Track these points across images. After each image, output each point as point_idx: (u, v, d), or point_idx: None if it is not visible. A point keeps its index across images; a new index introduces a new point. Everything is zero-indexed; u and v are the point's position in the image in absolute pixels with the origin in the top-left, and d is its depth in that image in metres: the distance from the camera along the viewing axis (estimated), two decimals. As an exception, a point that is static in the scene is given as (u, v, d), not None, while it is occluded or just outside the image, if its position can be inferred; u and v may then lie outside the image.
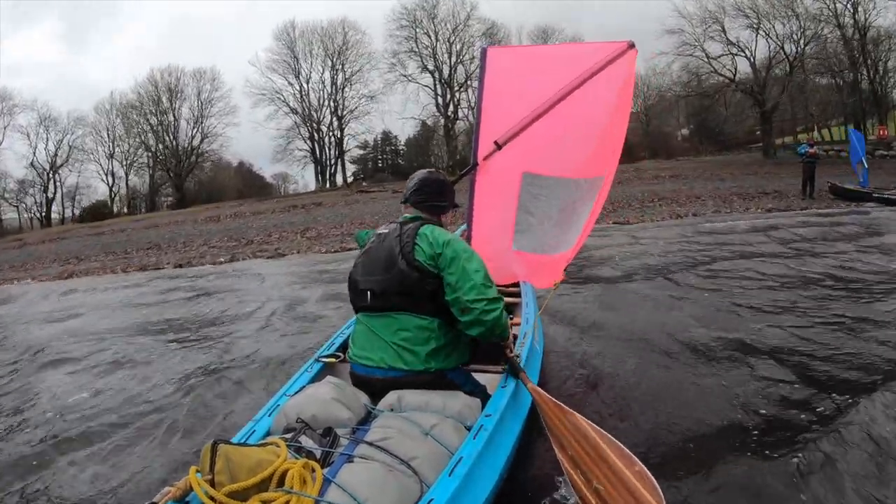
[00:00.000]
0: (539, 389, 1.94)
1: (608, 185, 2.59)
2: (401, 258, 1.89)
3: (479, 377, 2.06)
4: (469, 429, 1.64)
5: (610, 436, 1.63)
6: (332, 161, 36.74)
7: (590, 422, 1.71)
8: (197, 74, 35.12)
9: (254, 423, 1.68)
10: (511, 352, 2.00)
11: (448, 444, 1.54)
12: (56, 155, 34.36)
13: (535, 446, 2.13)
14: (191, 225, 19.00)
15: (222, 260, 10.31)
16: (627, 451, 1.57)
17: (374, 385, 1.84)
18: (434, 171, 2.23)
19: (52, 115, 33.90)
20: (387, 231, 2.04)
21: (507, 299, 3.29)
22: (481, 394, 1.92)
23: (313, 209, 19.62)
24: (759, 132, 31.13)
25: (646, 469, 1.50)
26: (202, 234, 15.50)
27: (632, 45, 2.46)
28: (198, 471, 1.27)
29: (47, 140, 34.14)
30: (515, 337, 2.51)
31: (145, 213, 32.94)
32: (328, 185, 34.99)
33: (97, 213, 33.26)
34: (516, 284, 3.45)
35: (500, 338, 1.90)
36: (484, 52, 2.58)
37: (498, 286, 3.37)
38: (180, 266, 10.09)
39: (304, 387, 1.88)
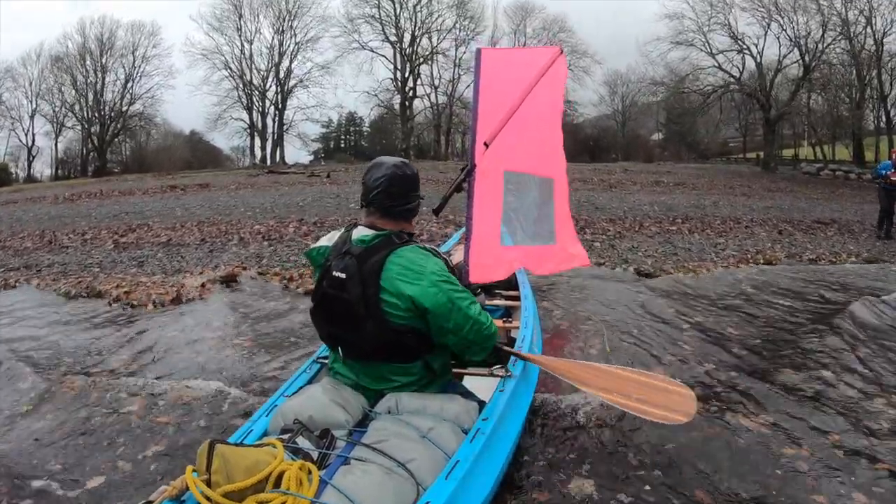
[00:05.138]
0: (549, 358, 2.17)
1: (564, 190, 2.97)
2: (369, 321, 1.63)
3: (476, 381, 2.05)
4: (466, 432, 1.63)
5: (631, 368, 2.11)
6: (276, 136, 32.31)
7: (609, 365, 2.15)
8: (134, 27, 30.57)
9: (251, 423, 1.68)
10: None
11: (445, 448, 1.54)
12: (-20, 108, 29.16)
13: (532, 450, 2.13)
14: (42, 205, 13.86)
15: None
16: (650, 373, 2.12)
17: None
18: (403, 164, 1.78)
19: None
20: (342, 264, 1.67)
21: (506, 303, 3.31)
22: (478, 398, 1.91)
23: (193, 193, 14.61)
24: (732, 143, 29.56)
25: (668, 377, 2.09)
26: (28, 222, 10.38)
27: (562, 51, 2.90)
28: (194, 470, 1.27)
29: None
30: (514, 340, 2.51)
31: (64, 180, 26.80)
32: (268, 162, 30.42)
33: (-3, 177, 27.05)
34: (516, 288, 3.45)
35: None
36: (478, 53, 2.62)
37: (496, 287, 3.41)
38: None
39: (301, 387, 1.88)
